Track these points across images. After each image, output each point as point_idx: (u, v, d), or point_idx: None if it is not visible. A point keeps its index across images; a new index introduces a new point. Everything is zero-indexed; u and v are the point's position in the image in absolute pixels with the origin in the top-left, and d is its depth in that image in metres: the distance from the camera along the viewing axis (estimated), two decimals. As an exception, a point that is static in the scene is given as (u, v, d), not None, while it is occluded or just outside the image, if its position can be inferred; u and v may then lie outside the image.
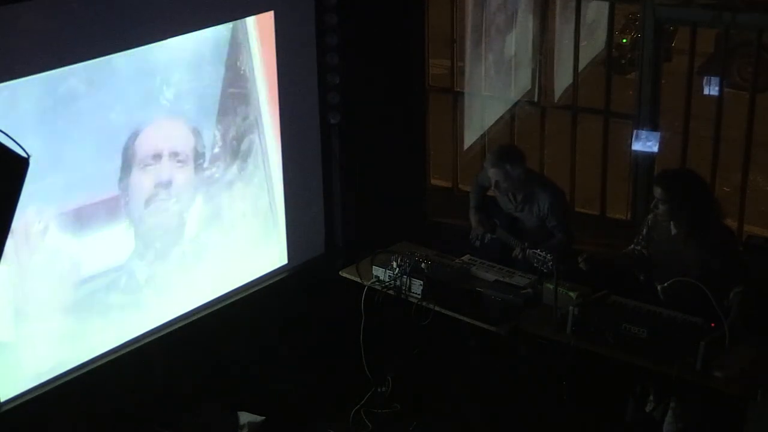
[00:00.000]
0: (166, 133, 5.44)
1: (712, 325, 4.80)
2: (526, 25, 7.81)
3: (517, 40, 7.83)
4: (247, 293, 6.08)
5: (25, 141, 4.45)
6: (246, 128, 5.89)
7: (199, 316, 5.81)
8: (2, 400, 4.87)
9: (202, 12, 5.39)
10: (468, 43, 7.43)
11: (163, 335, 5.61)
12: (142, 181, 5.36)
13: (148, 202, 5.41)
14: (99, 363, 5.33)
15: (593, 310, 5.07)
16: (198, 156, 5.62)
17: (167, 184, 5.48)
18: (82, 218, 5.11)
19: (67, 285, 5.16)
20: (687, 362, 4.73)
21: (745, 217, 6.60)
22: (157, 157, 5.40)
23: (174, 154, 5.48)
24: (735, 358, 4.73)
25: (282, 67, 5.90)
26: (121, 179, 5.25)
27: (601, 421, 5.31)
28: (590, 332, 4.99)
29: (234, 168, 5.87)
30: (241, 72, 5.75)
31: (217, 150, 5.73)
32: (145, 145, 5.31)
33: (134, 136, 5.25)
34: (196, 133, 5.59)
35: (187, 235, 5.69)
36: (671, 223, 5.23)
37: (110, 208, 5.23)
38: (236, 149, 5.86)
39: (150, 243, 5.48)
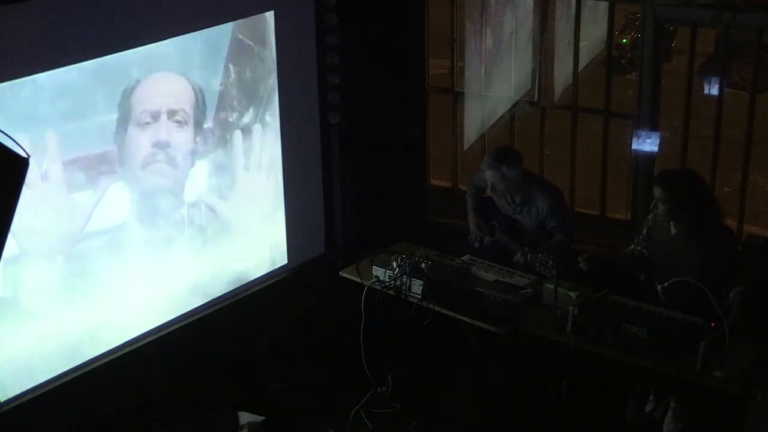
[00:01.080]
0: (164, 89, 5.33)
1: (712, 325, 4.79)
2: (526, 25, 7.80)
3: (517, 40, 7.82)
4: (247, 293, 6.08)
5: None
6: (265, 72, 5.81)
7: (199, 316, 5.80)
8: (2, 400, 4.87)
9: (201, 12, 5.37)
10: (468, 43, 7.43)
11: (163, 335, 5.61)
12: (140, 139, 5.26)
13: (144, 163, 5.31)
14: (99, 363, 5.33)
15: (593, 310, 5.07)
16: (199, 116, 5.51)
17: (165, 145, 5.36)
18: (79, 171, 5.02)
19: (65, 239, 5.05)
20: (687, 362, 4.72)
21: (745, 217, 6.60)
22: (155, 114, 5.29)
23: (172, 113, 5.36)
24: (735, 358, 4.73)
25: (282, 67, 5.90)
26: (117, 135, 5.15)
27: (601, 421, 5.31)
28: (590, 332, 4.99)
29: (250, 113, 5.76)
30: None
31: (234, 92, 5.64)
32: (142, 101, 5.21)
33: (131, 90, 5.16)
34: (197, 88, 5.47)
35: (186, 200, 5.60)
36: (671, 223, 5.22)
37: (107, 165, 5.14)
38: (253, 91, 5.76)
39: (148, 206, 5.41)
